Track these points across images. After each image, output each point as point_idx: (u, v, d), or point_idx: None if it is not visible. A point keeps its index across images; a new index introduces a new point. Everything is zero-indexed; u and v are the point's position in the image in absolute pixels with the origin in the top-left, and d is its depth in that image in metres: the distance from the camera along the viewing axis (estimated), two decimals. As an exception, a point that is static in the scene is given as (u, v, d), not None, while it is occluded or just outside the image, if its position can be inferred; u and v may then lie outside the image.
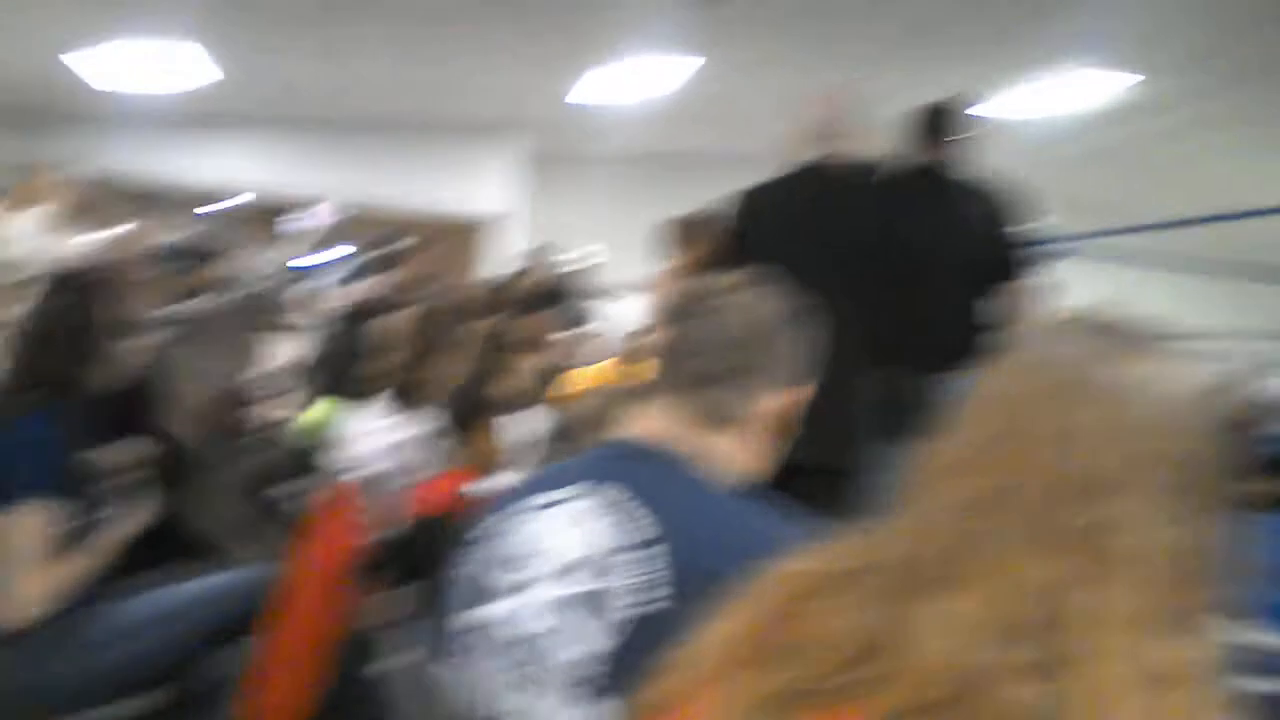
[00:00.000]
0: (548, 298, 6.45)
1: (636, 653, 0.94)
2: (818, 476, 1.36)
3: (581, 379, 6.38)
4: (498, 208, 8.72)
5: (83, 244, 3.93)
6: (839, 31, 6.32)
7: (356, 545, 2.40)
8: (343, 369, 4.25)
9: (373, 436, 2.90)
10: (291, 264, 3.49)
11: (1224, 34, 5.98)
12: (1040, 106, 7.11)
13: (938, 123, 3.33)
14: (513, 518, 1.23)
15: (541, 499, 1.22)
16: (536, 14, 6.07)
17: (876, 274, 2.92)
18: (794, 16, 6.10)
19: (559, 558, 1.15)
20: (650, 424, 1.28)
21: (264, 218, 10.50)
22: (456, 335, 3.11)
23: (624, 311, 7.96)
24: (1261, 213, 6.00)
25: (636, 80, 7.32)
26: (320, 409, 4.33)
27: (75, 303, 2.26)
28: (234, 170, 8.40)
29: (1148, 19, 5.90)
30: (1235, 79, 6.73)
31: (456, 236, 8.56)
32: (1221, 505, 0.76)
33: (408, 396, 2.93)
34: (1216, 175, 8.34)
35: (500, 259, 8.39)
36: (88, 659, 2.15)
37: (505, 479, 2.70)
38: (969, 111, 3.37)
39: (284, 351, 4.65)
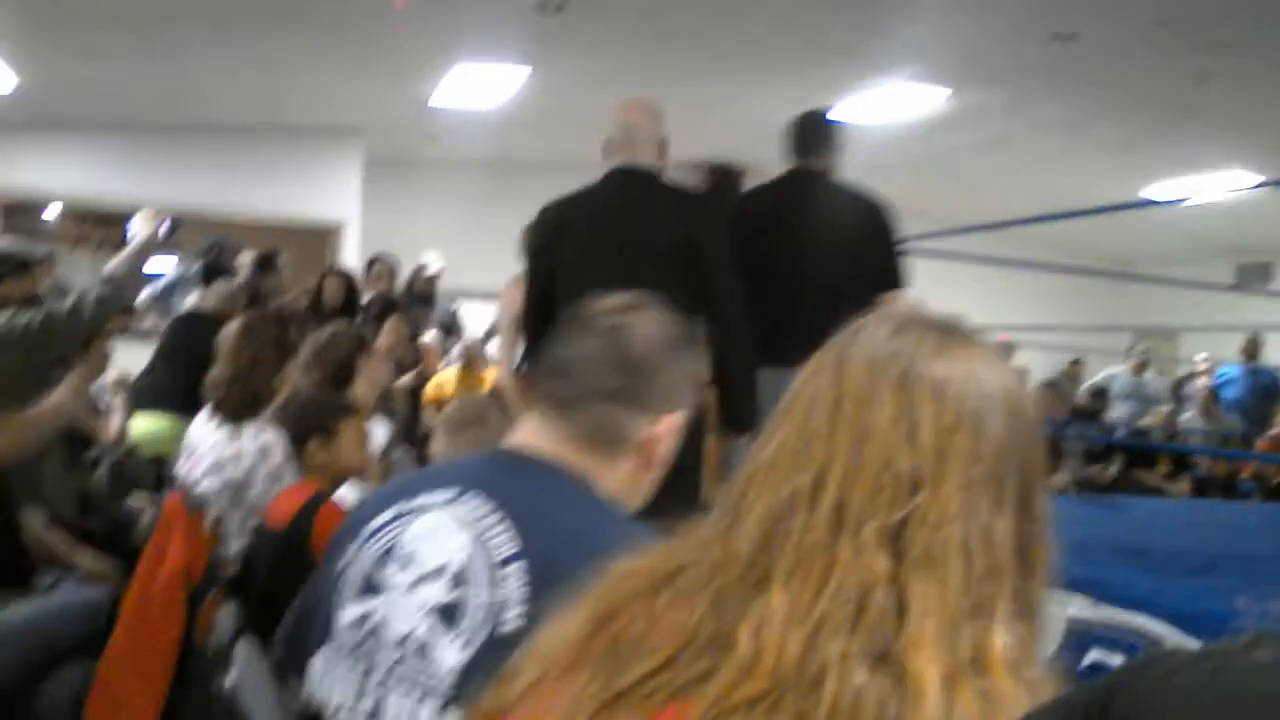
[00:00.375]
0: (388, 305, 6.39)
1: (484, 670, 0.94)
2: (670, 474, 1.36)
3: (430, 386, 6.36)
4: (337, 213, 8.57)
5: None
6: (669, 45, 6.44)
7: (196, 560, 2.35)
8: (177, 381, 4.14)
9: (209, 450, 2.84)
10: (113, 272, 3.36)
11: (1021, 53, 6.36)
12: (863, 117, 7.41)
13: (814, 131, 3.47)
14: (391, 516, 1.22)
15: (418, 500, 1.21)
16: (372, 18, 5.99)
17: (679, 276, 2.95)
18: (624, 29, 6.19)
19: (422, 564, 1.15)
20: (532, 437, 1.27)
21: (90, 224, 10.03)
22: (285, 345, 3.07)
23: (464, 318, 7.94)
24: (1069, 215, 6.42)
25: (472, 88, 7.30)
26: (153, 422, 4.20)
27: None
28: (60, 177, 8.01)
29: (957, 37, 6.24)
30: (1034, 95, 7.18)
31: (300, 242, 8.37)
32: (1036, 491, 0.78)
33: (243, 408, 2.88)
34: (1025, 180, 8.88)
35: (342, 264, 8.24)
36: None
37: (352, 491, 2.68)
38: (837, 121, 3.53)
39: (115, 363, 4.48)
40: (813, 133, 3.48)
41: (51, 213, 10.01)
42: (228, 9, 5.85)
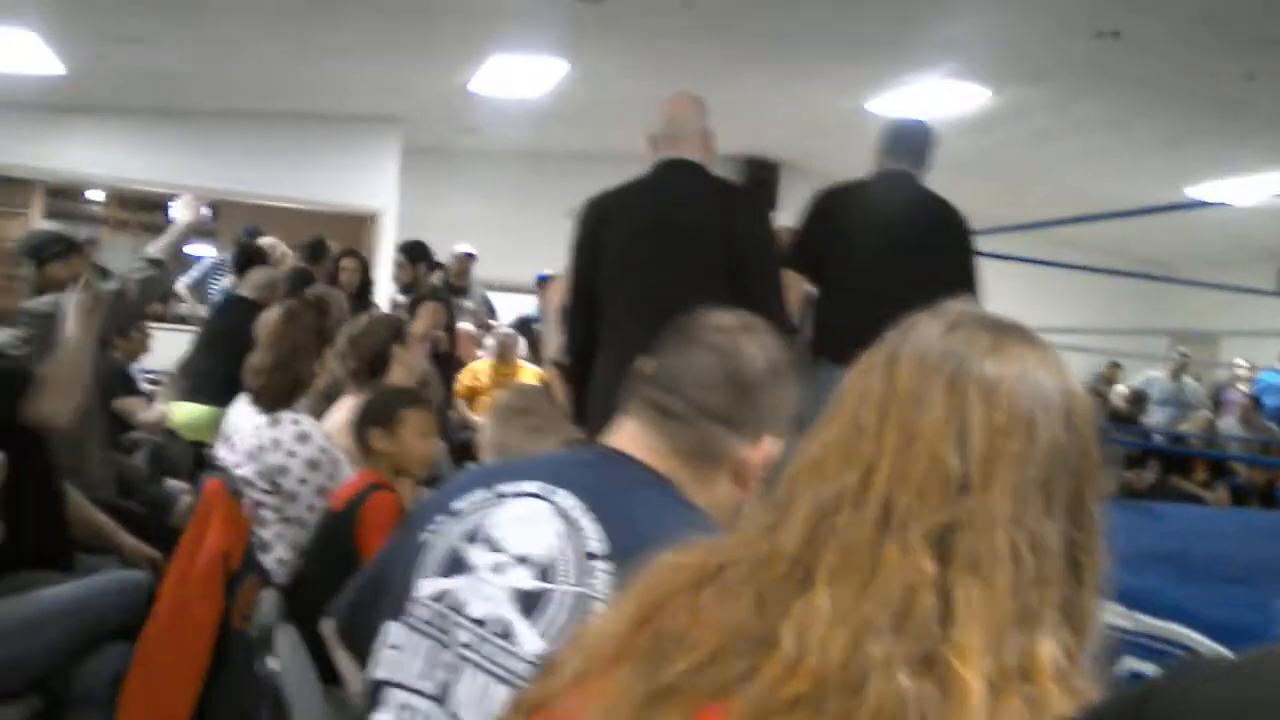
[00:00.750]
0: (429, 293, 6.42)
1: None
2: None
3: (464, 376, 6.39)
4: (375, 201, 8.62)
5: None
6: (707, 38, 6.43)
7: (234, 544, 2.38)
8: (217, 367, 4.18)
9: (248, 436, 2.87)
10: (154, 255, 3.41)
11: (1064, 50, 6.30)
12: (907, 111, 7.36)
13: (909, 136, 3.48)
14: (480, 499, 1.22)
15: (508, 486, 1.21)
16: (414, 7, 6.02)
17: (723, 269, 2.95)
18: (663, 21, 6.18)
19: (509, 549, 1.15)
20: (629, 443, 1.26)
21: (131, 209, 10.16)
22: (324, 332, 3.09)
23: (500, 308, 7.98)
24: (1110, 215, 6.35)
25: (510, 78, 7.32)
26: (193, 408, 4.24)
27: None
28: (102, 161, 8.11)
29: (999, 34, 6.18)
30: (1075, 93, 7.10)
31: (338, 228, 8.47)
32: (1088, 498, 0.76)
33: (282, 395, 2.91)
34: (1067, 180, 8.79)
35: (380, 252, 8.31)
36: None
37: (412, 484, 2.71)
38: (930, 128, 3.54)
39: (160, 348, 4.54)
40: (908, 137, 3.49)
41: (94, 196, 10.16)
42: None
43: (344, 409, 3.11)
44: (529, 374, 6.26)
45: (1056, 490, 0.75)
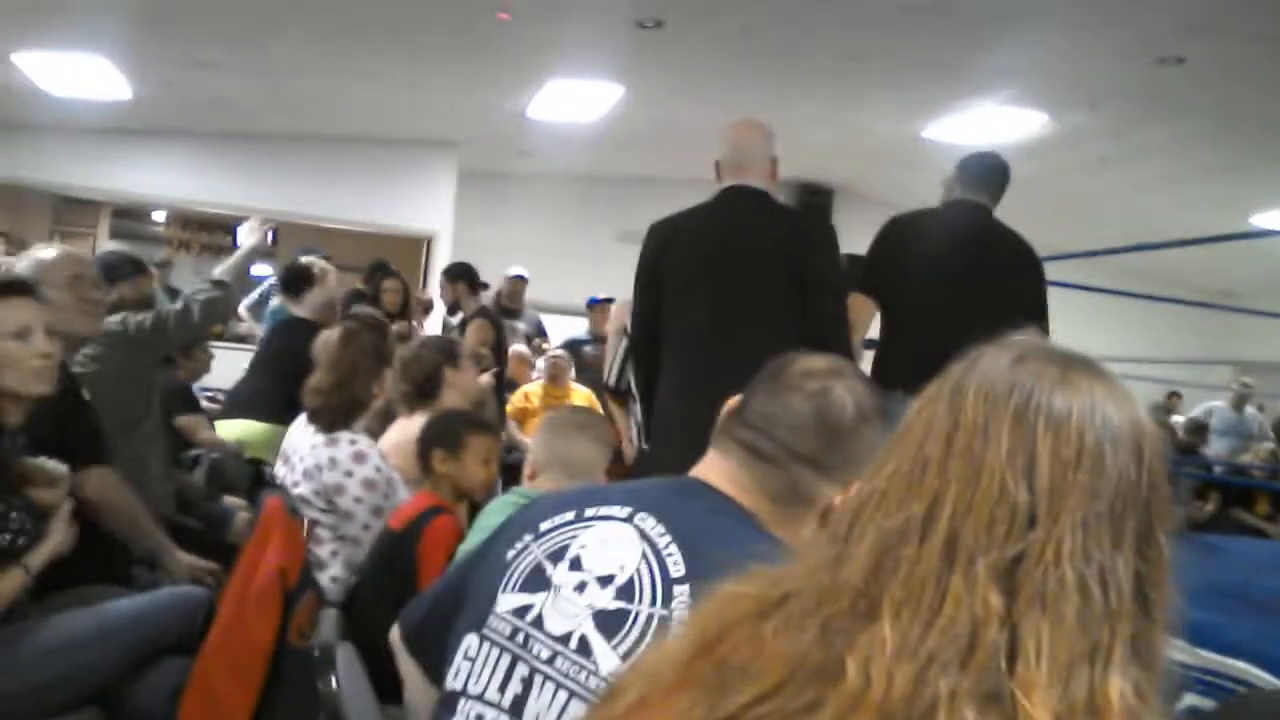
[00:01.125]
0: (477, 312, 6.45)
1: None
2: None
3: (516, 397, 6.43)
4: (431, 224, 8.73)
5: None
6: (764, 62, 6.44)
7: (292, 562, 2.41)
8: (274, 386, 4.24)
9: (306, 455, 2.90)
10: (218, 277, 3.49)
11: (1123, 76, 6.23)
12: (963, 137, 7.32)
13: (986, 169, 3.47)
14: (568, 519, 1.25)
15: (596, 509, 1.23)
16: (473, 34, 6.10)
17: (787, 296, 2.95)
18: (720, 46, 6.20)
19: (593, 569, 1.17)
20: (718, 477, 1.28)
21: (194, 230, 10.36)
22: (382, 353, 3.13)
23: (551, 331, 8.02)
24: (1170, 244, 6.25)
25: (567, 102, 7.38)
26: (252, 424, 4.30)
27: None
28: (167, 184, 8.29)
29: (1057, 61, 6.13)
30: (1135, 119, 7.02)
31: (395, 250, 8.58)
32: (1157, 532, 0.75)
33: (340, 415, 2.94)
34: (1128, 207, 8.67)
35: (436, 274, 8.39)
36: (13, 679, 2.11)
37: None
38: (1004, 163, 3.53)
39: (220, 367, 4.62)
40: (982, 169, 3.47)
41: (158, 218, 10.39)
42: (333, 23, 6.01)
43: (398, 430, 3.14)
44: (580, 396, 6.28)
45: (1125, 524, 0.74)
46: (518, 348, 6.95)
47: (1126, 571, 0.73)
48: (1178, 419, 8.73)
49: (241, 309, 6.97)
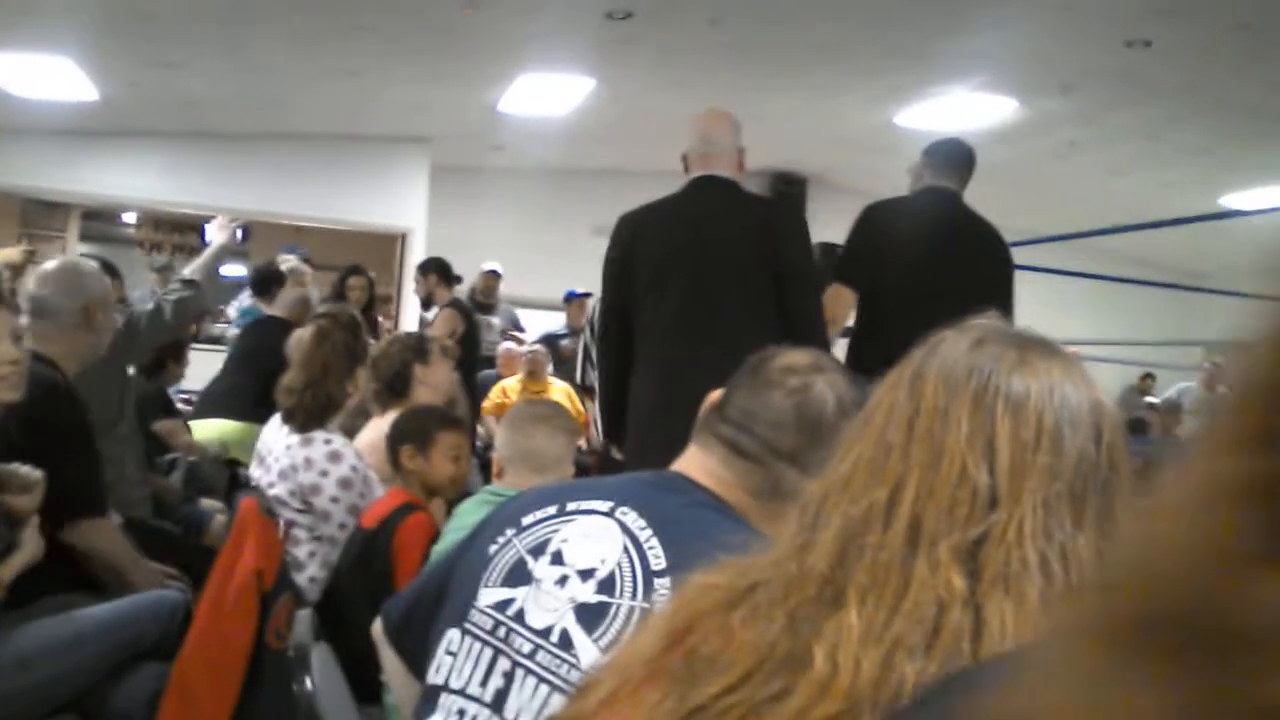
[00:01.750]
0: (449, 304, 6.42)
1: None
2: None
3: (494, 393, 6.42)
4: (405, 220, 8.69)
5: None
6: (734, 54, 6.44)
7: (269, 564, 2.39)
8: (247, 385, 4.22)
9: (281, 455, 2.89)
10: (188, 276, 3.47)
11: (1094, 60, 6.26)
12: (935, 124, 7.34)
13: (954, 155, 3.49)
14: (548, 513, 1.25)
15: (577, 504, 1.24)
16: (443, 29, 6.07)
17: (761, 286, 2.96)
18: (690, 38, 6.20)
19: (574, 563, 1.18)
20: (699, 472, 1.28)
21: (165, 230, 10.29)
22: (356, 352, 3.11)
23: (529, 325, 8.00)
24: (1141, 226, 6.30)
25: (538, 97, 7.36)
26: (225, 423, 4.28)
27: None
28: (136, 185, 8.22)
29: (1027, 46, 6.15)
30: (1106, 104, 7.05)
31: (372, 248, 8.55)
32: (1119, 510, 0.75)
33: (314, 414, 2.92)
34: (1100, 191, 8.72)
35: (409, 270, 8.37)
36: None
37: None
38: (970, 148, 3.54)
39: (191, 369, 4.58)
40: (951, 155, 3.49)
41: (128, 219, 10.31)
42: (301, 21, 5.97)
43: (372, 429, 3.13)
44: (558, 391, 6.27)
45: (1086, 503, 0.74)
46: (508, 345, 6.94)
47: (1089, 551, 0.73)
48: (1152, 400, 8.79)
49: (231, 310, 6.94)
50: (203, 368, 5.12)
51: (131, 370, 3.42)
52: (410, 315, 8.19)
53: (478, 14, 5.72)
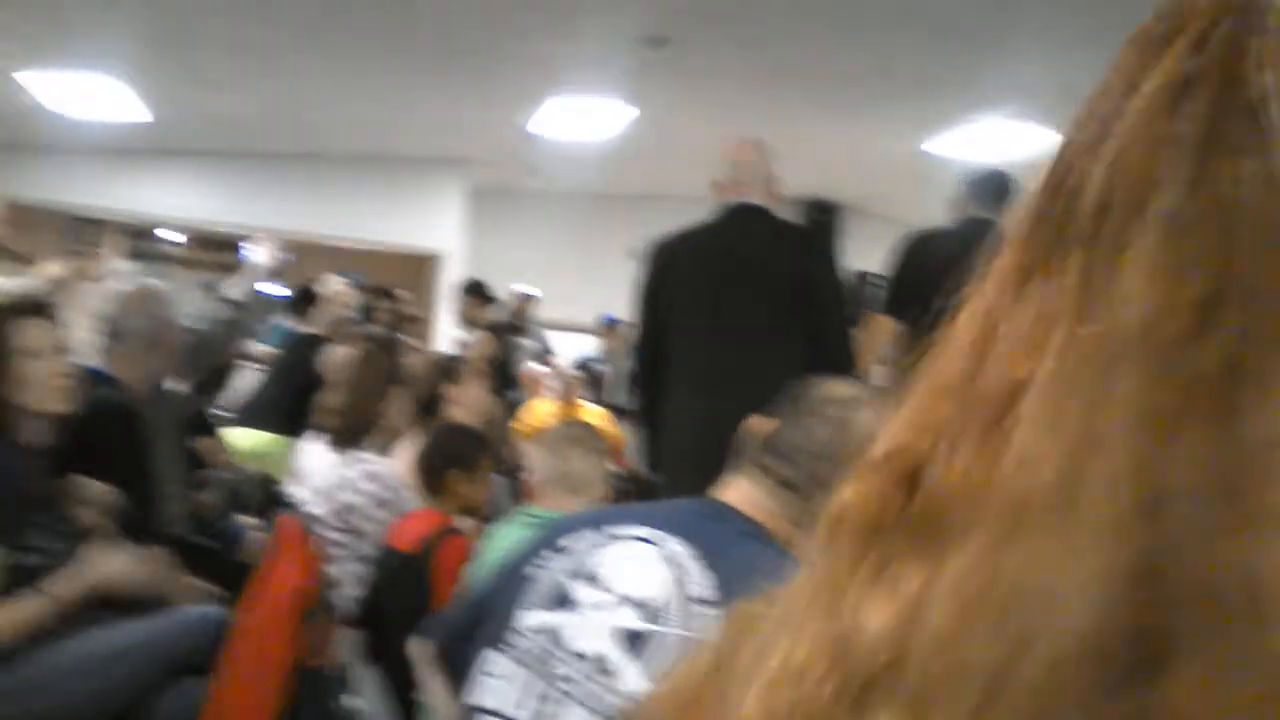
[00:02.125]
0: (486, 326, 6.48)
1: None
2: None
3: (529, 415, 6.43)
4: (439, 242, 8.76)
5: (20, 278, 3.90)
6: (770, 80, 6.46)
7: (307, 581, 2.42)
8: (283, 400, 4.27)
9: (321, 474, 2.92)
10: (235, 297, 3.53)
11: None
12: (968, 153, 7.33)
13: (996, 185, 3.50)
14: (589, 537, 1.26)
15: (618, 529, 1.25)
16: (480, 52, 6.14)
17: (792, 313, 2.97)
18: (726, 64, 6.23)
19: (615, 589, 1.19)
20: (743, 501, 1.29)
21: (205, 249, 10.41)
22: (395, 373, 3.15)
23: (563, 349, 8.03)
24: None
25: (575, 120, 7.41)
26: (263, 441, 4.33)
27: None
28: (176, 203, 8.34)
29: (1063, 76, 6.13)
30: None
31: (406, 270, 8.60)
32: None
33: (355, 434, 2.96)
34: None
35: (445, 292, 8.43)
36: (29, 701, 2.12)
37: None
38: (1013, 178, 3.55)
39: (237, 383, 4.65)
40: (991, 184, 3.50)
41: (169, 237, 10.44)
42: (344, 44, 6.06)
43: (408, 448, 3.16)
44: (593, 415, 6.28)
45: None
46: (531, 365, 6.97)
47: None
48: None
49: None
50: (236, 383, 5.18)
51: (176, 386, 3.47)
52: (443, 337, 8.24)
53: (513, 40, 5.79)
